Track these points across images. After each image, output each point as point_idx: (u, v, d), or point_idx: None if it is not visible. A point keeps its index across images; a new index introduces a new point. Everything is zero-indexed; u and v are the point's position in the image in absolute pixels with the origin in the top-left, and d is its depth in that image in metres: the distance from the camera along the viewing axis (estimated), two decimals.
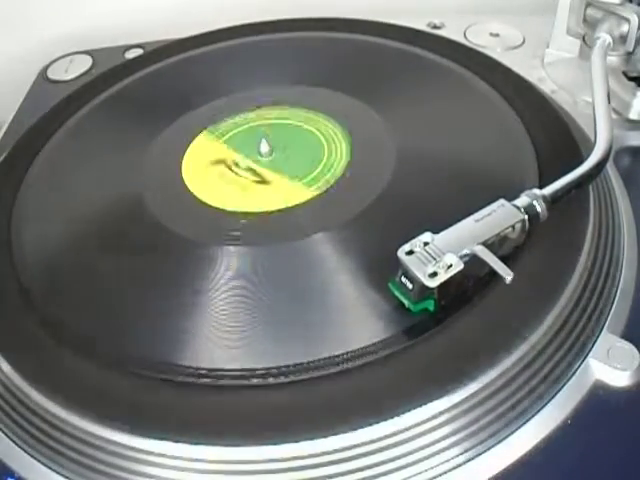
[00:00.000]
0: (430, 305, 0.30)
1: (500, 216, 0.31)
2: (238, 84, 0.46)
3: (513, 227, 0.31)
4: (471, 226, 0.31)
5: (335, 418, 0.27)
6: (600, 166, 0.34)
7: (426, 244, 0.30)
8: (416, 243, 0.30)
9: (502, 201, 0.32)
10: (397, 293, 0.31)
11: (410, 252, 0.30)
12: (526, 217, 0.31)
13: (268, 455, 0.27)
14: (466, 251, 0.30)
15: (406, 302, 0.30)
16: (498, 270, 0.29)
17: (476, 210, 0.32)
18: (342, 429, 0.27)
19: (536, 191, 0.32)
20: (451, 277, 0.29)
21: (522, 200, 0.32)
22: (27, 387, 0.31)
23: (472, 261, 0.30)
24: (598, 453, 0.28)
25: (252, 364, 0.30)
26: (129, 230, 0.37)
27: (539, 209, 0.32)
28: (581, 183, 0.34)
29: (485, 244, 0.30)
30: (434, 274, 0.29)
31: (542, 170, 0.36)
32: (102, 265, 0.36)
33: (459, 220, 0.31)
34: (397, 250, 0.30)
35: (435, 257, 0.30)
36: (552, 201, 0.32)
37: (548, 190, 0.33)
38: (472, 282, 0.31)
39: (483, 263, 0.30)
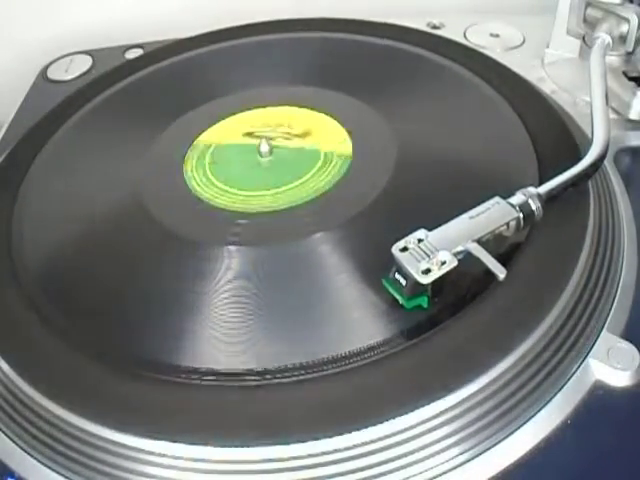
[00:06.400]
0: (424, 302, 0.30)
1: (495, 214, 0.31)
2: (238, 84, 0.46)
3: (508, 225, 0.31)
4: (465, 223, 0.31)
5: (335, 418, 0.27)
6: (596, 165, 0.34)
7: (420, 241, 0.30)
8: (410, 240, 0.31)
9: (497, 199, 0.32)
10: (391, 289, 0.31)
11: (404, 249, 0.30)
12: (521, 215, 0.31)
13: (268, 455, 0.27)
14: (460, 248, 0.30)
15: (399, 298, 0.30)
16: (491, 268, 0.29)
17: None
18: (342, 429, 0.27)
19: (531, 189, 0.32)
20: (445, 274, 0.29)
21: (517, 198, 0.32)
22: (27, 387, 0.31)
23: (468, 259, 0.30)
24: (598, 453, 0.28)
25: (251, 364, 0.30)
26: (129, 230, 0.37)
27: (534, 207, 0.32)
28: (577, 182, 0.34)
29: (479, 241, 0.30)
30: (427, 271, 0.29)
31: (542, 170, 0.36)
32: (102, 265, 0.36)
33: None
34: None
35: (429, 254, 0.30)
36: (547, 199, 0.32)
37: (543, 188, 0.33)
38: (468, 280, 0.31)
39: (478, 260, 0.30)
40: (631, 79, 0.43)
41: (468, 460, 0.28)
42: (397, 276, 0.30)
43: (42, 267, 0.36)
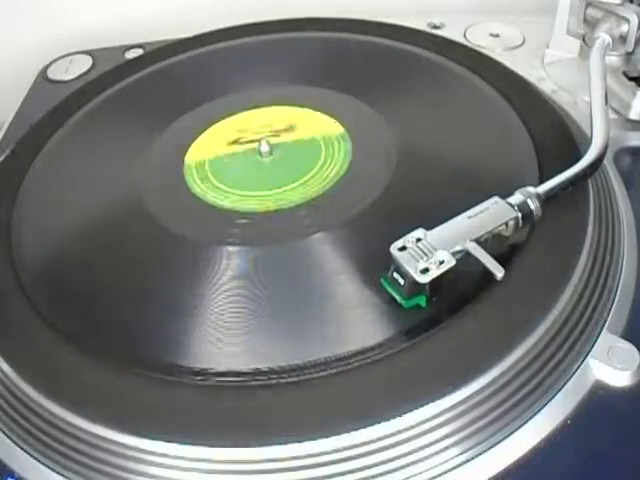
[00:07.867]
0: (422, 301, 0.30)
1: (493, 213, 0.32)
2: (238, 84, 0.46)
3: (506, 225, 0.31)
4: (464, 223, 0.31)
5: (335, 418, 0.27)
6: (595, 165, 0.34)
7: (419, 240, 0.30)
8: (409, 239, 0.31)
9: (496, 198, 0.32)
10: (389, 289, 0.31)
11: (403, 248, 0.30)
12: (519, 215, 0.31)
13: (268, 455, 0.27)
14: (459, 248, 0.30)
15: (398, 298, 0.31)
16: (489, 267, 0.29)
17: None
18: (342, 429, 0.27)
19: (530, 189, 0.32)
20: (443, 273, 0.29)
21: (516, 198, 0.32)
22: (27, 387, 0.31)
23: (467, 258, 0.30)
24: (598, 453, 0.28)
25: (252, 365, 0.30)
26: (129, 230, 0.37)
27: (532, 207, 0.32)
28: (576, 181, 0.34)
29: (478, 241, 0.30)
30: (426, 270, 0.29)
31: (542, 170, 0.36)
32: (102, 265, 0.36)
33: None
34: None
35: (427, 253, 0.30)
36: (547, 199, 0.32)
37: (542, 188, 0.33)
38: (467, 279, 0.31)
39: (476, 260, 0.30)
40: (631, 79, 0.43)
41: (468, 460, 0.28)
42: (395, 275, 0.30)
43: (42, 267, 0.36)
